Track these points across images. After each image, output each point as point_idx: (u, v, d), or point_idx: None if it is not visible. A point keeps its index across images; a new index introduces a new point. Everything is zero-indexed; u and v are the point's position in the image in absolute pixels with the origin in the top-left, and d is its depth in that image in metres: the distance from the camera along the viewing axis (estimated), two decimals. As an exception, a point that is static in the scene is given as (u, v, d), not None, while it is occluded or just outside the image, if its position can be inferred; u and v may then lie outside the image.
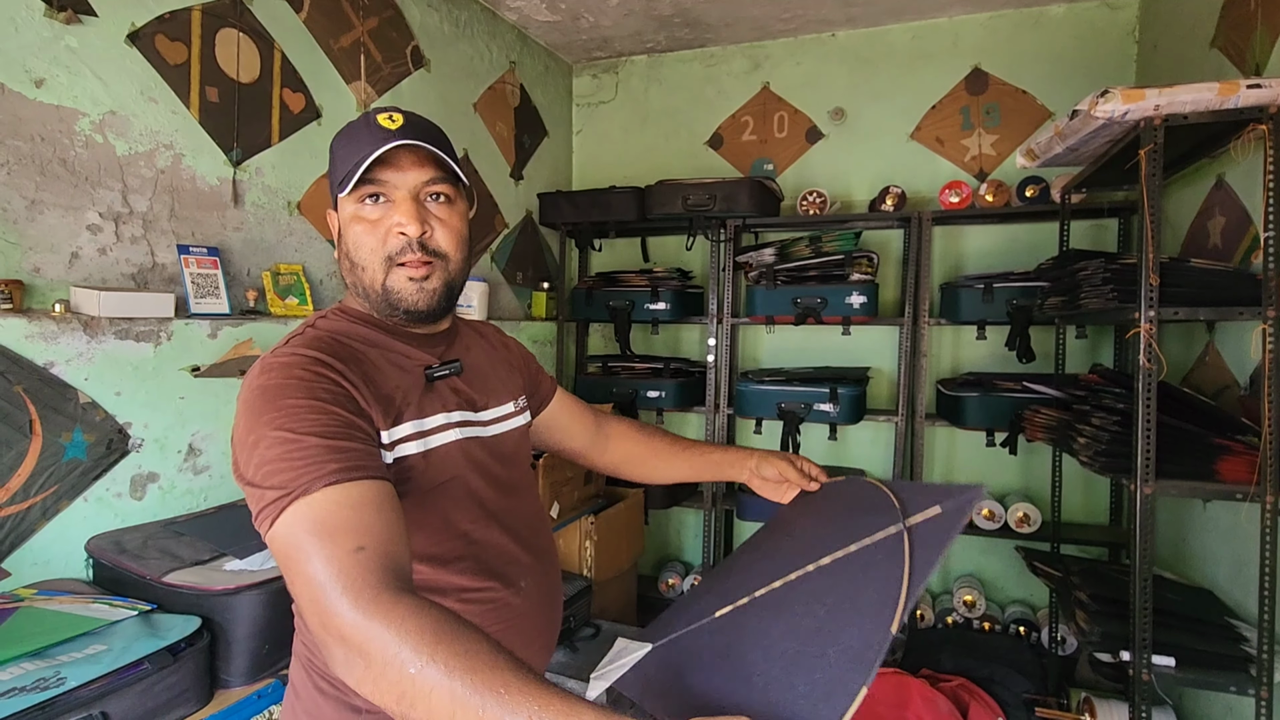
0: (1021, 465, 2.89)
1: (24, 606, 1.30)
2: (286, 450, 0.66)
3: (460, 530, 0.85)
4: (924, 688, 2.17)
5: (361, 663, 0.57)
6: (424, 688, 0.54)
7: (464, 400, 0.90)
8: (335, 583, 0.60)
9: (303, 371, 0.73)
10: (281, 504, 0.64)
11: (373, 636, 0.56)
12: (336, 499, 0.64)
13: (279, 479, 0.65)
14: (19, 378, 1.42)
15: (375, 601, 0.58)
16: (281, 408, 0.69)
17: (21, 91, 1.49)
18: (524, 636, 0.89)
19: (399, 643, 0.55)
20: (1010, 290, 2.58)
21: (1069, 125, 1.75)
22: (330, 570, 0.60)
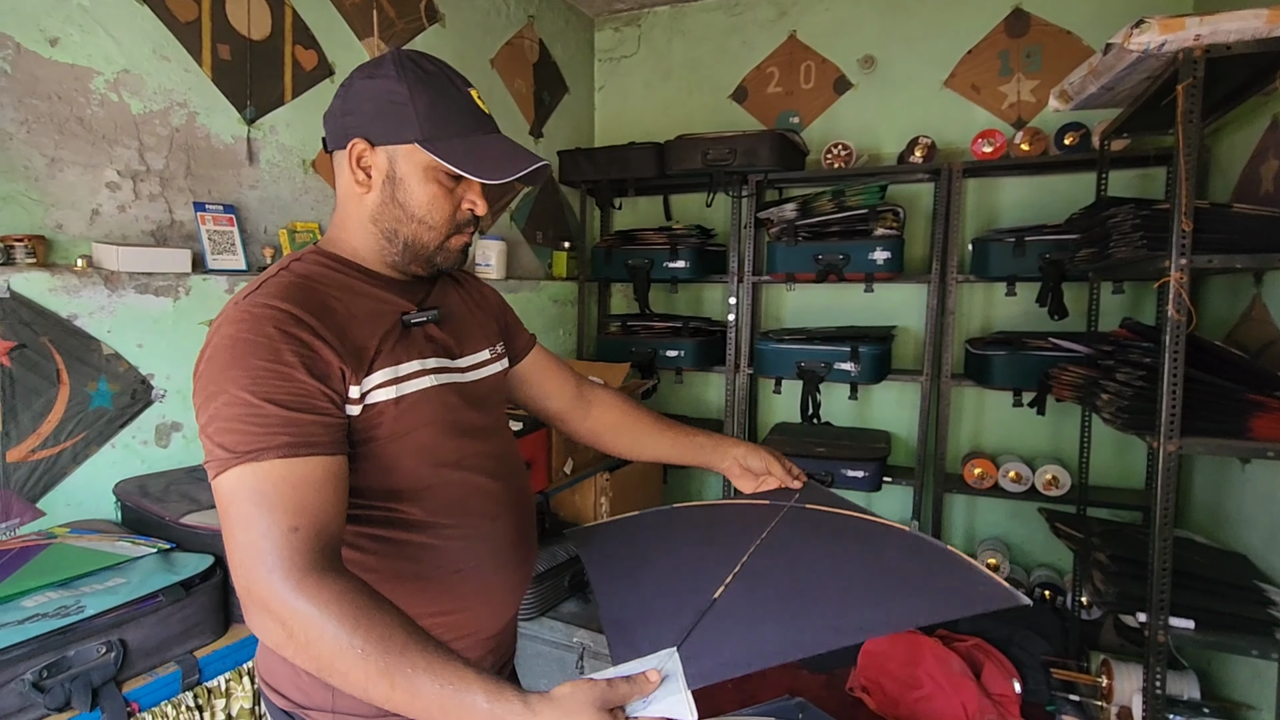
0: (1052, 426, 2.79)
1: (56, 543, 1.38)
2: (244, 412, 0.69)
3: (436, 470, 0.86)
4: (937, 646, 2.15)
5: (283, 633, 0.64)
6: (342, 665, 0.62)
7: (440, 347, 0.90)
8: (267, 556, 0.65)
9: (273, 329, 0.73)
10: (228, 463, 0.68)
11: (297, 612, 0.63)
12: (281, 473, 0.68)
13: (231, 439, 0.69)
14: (44, 329, 1.49)
15: (302, 581, 0.64)
16: (248, 367, 0.71)
17: (37, 50, 1.53)
18: (497, 562, 0.91)
19: (322, 622, 0.62)
20: (1043, 244, 2.46)
21: (1103, 61, 1.64)
22: (264, 544, 0.66)
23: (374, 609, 0.64)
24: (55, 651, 1.10)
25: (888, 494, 3.06)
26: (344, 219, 0.88)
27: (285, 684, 0.88)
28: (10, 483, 1.46)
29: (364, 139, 0.82)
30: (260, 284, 0.80)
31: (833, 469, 2.73)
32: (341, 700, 0.84)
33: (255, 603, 0.65)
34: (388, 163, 0.83)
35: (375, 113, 0.81)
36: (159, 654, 1.24)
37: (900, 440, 3.09)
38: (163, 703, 1.22)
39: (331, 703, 0.85)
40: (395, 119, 0.80)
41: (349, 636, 0.61)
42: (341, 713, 0.85)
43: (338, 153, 0.86)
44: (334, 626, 0.62)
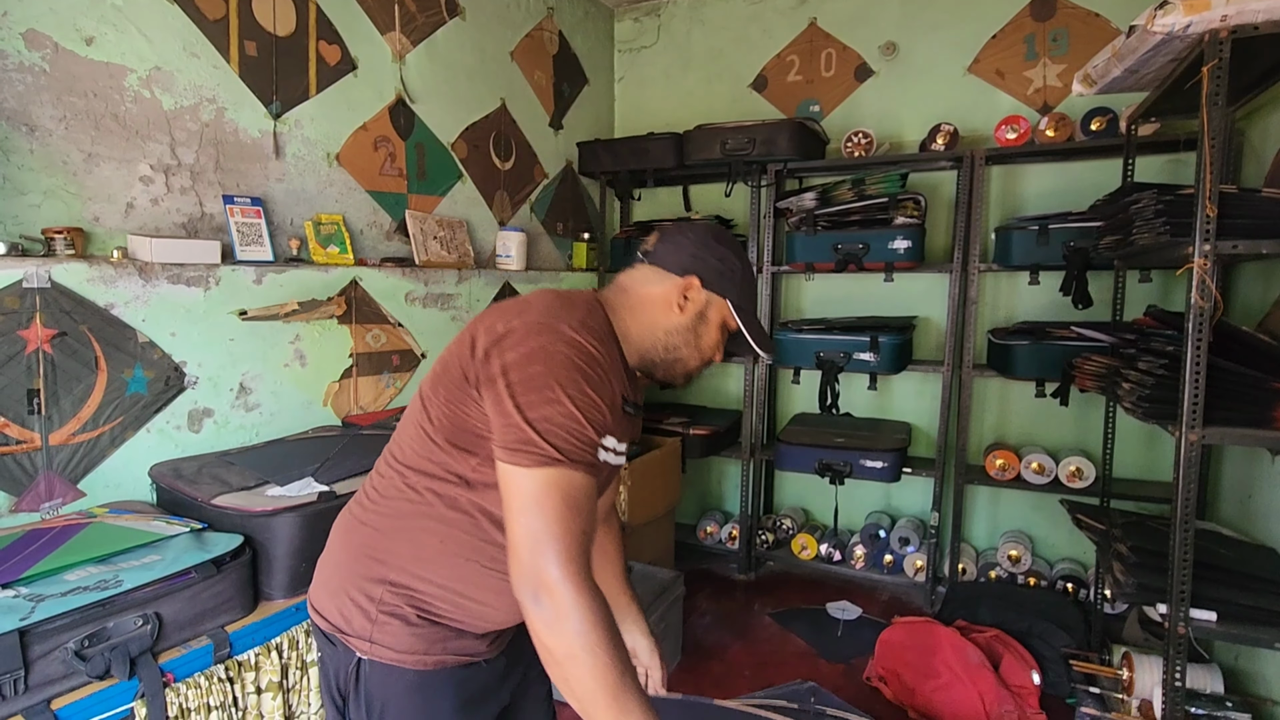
0: (1076, 418, 2.75)
1: (95, 522, 1.45)
2: (573, 426, 0.82)
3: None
4: (954, 636, 2.14)
5: (551, 610, 0.77)
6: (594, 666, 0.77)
7: (625, 434, 1.01)
8: (569, 549, 0.79)
9: (601, 370, 0.88)
10: (550, 459, 0.80)
11: (570, 598, 0.77)
12: (584, 485, 0.83)
13: (560, 442, 0.81)
14: (83, 317, 1.56)
15: (580, 576, 0.78)
16: (582, 391, 0.84)
17: (74, 50, 1.59)
18: None
19: (585, 615, 0.77)
20: (1067, 232, 2.42)
21: (1126, 44, 1.60)
22: (568, 539, 0.79)
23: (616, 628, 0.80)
24: (96, 623, 1.16)
25: (908, 485, 3.05)
26: (639, 312, 1.02)
27: (330, 609, 0.97)
28: (53, 464, 1.53)
29: (700, 280, 1.01)
30: (582, 322, 0.91)
31: (851, 459, 2.73)
32: (380, 633, 0.93)
33: (541, 580, 0.78)
34: (705, 303, 1.02)
35: (712, 266, 1.01)
36: (192, 628, 1.30)
37: (921, 431, 3.07)
38: (196, 674, 1.27)
39: (370, 631, 0.93)
40: (725, 279, 1.02)
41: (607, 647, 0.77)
42: (380, 643, 0.93)
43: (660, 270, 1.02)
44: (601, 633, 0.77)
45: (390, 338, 2.33)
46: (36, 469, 1.51)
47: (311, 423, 2.09)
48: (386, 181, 2.39)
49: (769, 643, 2.54)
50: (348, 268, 2.15)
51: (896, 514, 3.16)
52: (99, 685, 1.16)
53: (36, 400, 1.49)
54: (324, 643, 1.00)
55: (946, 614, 2.47)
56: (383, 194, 2.37)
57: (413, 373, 2.43)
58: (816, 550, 3.00)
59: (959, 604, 2.49)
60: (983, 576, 2.76)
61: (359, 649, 0.94)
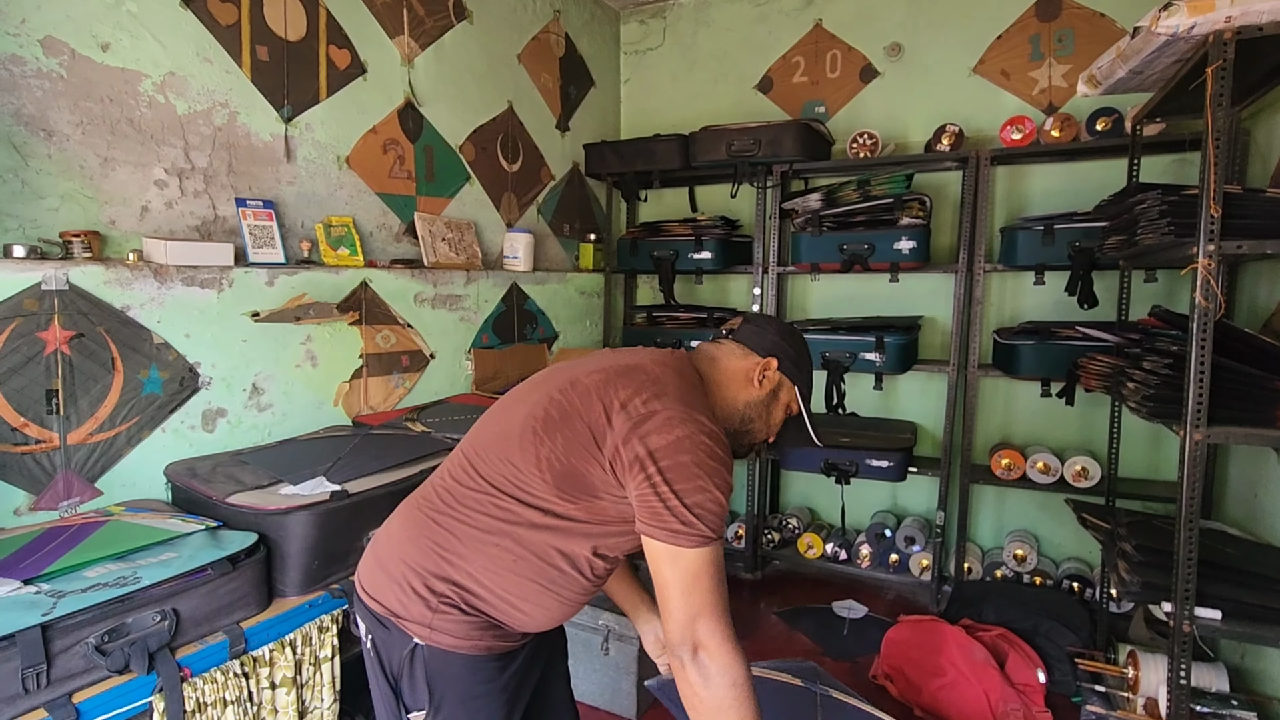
0: (1082, 417, 2.76)
1: (113, 520, 1.47)
2: (719, 509, 0.95)
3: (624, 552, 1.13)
4: (960, 635, 2.15)
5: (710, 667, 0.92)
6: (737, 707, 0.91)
7: None
8: (720, 611, 0.93)
9: (729, 454, 1.00)
10: (708, 539, 0.93)
11: (727, 658, 0.92)
12: (722, 556, 0.97)
13: (711, 522, 0.94)
14: (100, 319, 1.59)
15: (734, 638, 0.94)
16: (722, 476, 0.96)
17: (91, 56, 1.62)
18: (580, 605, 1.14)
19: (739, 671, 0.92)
20: (1072, 232, 2.43)
21: (1130, 45, 1.61)
22: (720, 604, 0.94)
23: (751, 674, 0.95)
24: (115, 618, 1.18)
25: (913, 484, 3.06)
26: (724, 384, 1.13)
27: (387, 595, 1.04)
28: (71, 464, 1.56)
29: (778, 361, 1.14)
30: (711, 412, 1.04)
31: (857, 459, 2.74)
32: (440, 621, 1.00)
33: (700, 643, 0.92)
34: (778, 384, 1.15)
35: (789, 354, 1.15)
36: (208, 623, 1.32)
37: (926, 431, 3.07)
38: (212, 669, 1.30)
39: (430, 619, 1.00)
40: (797, 366, 1.16)
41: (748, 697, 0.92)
42: (439, 630, 1.00)
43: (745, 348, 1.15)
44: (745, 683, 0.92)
45: (400, 338, 2.36)
46: (55, 468, 1.54)
47: (322, 422, 2.11)
48: (395, 184, 2.41)
49: (775, 641, 2.55)
50: (358, 269, 2.18)
51: (902, 513, 3.16)
52: (118, 679, 1.18)
53: (55, 400, 1.52)
54: (375, 625, 1.06)
55: (952, 613, 2.47)
56: (392, 196, 2.40)
57: (422, 373, 2.45)
58: (822, 549, 3.01)
59: (964, 603, 2.49)
60: (988, 575, 2.77)
61: (417, 634, 1.01)
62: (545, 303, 3.04)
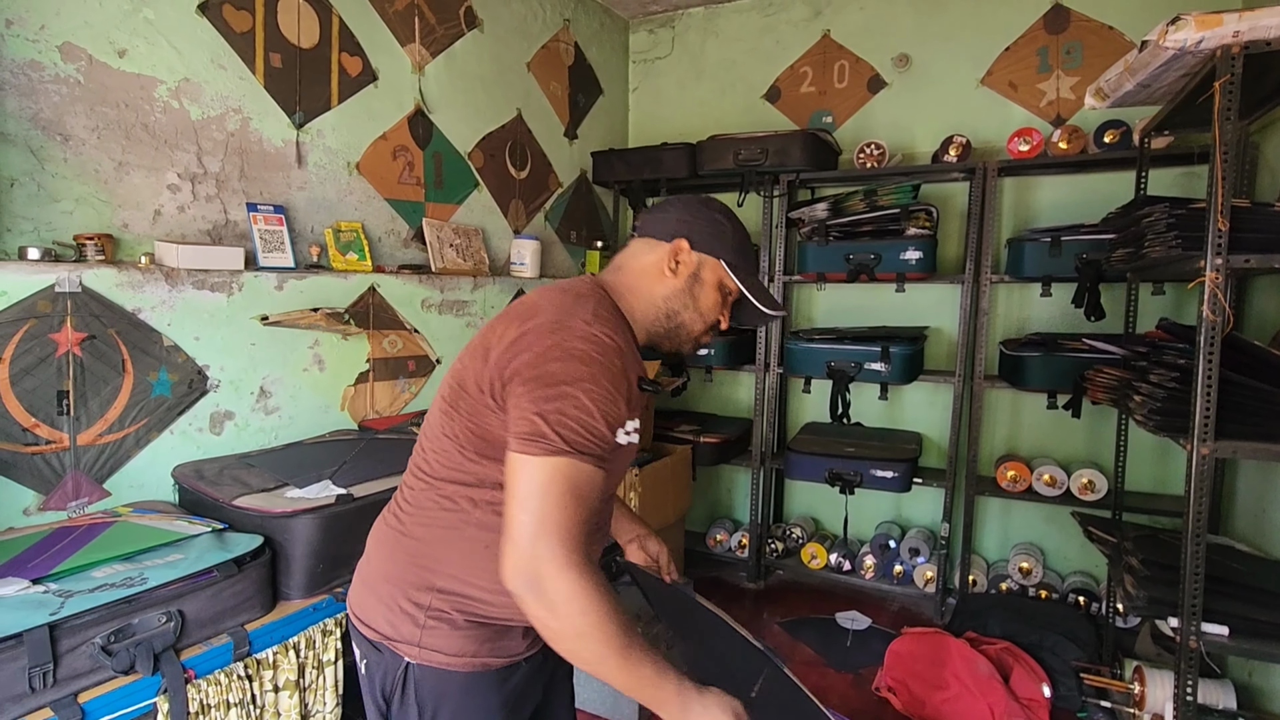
0: (1088, 430, 2.74)
1: (120, 521, 1.48)
2: (585, 419, 0.84)
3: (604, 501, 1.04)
4: (964, 648, 2.14)
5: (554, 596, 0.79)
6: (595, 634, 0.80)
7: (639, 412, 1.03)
8: (568, 536, 0.81)
9: (618, 361, 0.90)
10: (560, 450, 0.82)
11: (572, 584, 0.79)
12: (591, 477, 0.85)
13: (569, 434, 0.83)
14: (111, 321, 1.60)
15: (584, 565, 0.81)
16: (600, 385, 0.86)
17: (107, 62, 1.65)
18: None
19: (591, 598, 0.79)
20: (1079, 244, 2.43)
21: (1138, 59, 1.62)
22: (568, 525, 0.81)
23: (617, 599, 0.82)
24: (122, 619, 1.19)
25: (918, 495, 3.05)
26: (636, 286, 1.04)
27: (377, 619, 1.00)
28: (80, 464, 1.58)
29: (689, 241, 1.03)
30: (594, 313, 0.94)
31: (862, 469, 2.73)
32: (428, 637, 0.96)
33: (540, 569, 0.79)
34: (698, 264, 1.04)
35: (702, 228, 1.04)
36: (213, 625, 1.33)
37: (932, 442, 3.06)
38: (216, 671, 1.30)
39: (419, 636, 0.96)
40: (716, 239, 1.04)
41: (610, 621, 0.80)
42: (427, 648, 0.96)
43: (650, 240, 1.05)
44: (604, 611, 0.80)
45: (406, 343, 2.37)
46: (64, 468, 1.55)
47: (329, 426, 2.12)
48: (405, 190, 2.43)
49: (778, 651, 2.54)
50: (366, 274, 2.19)
51: (907, 524, 3.15)
52: (124, 680, 1.19)
53: (66, 401, 1.53)
54: (369, 650, 1.02)
55: (956, 625, 2.46)
56: (401, 202, 2.42)
57: (428, 378, 2.46)
58: (826, 560, 3.00)
59: (969, 615, 2.48)
60: (993, 588, 2.75)
61: (407, 654, 0.97)
62: (551, 309, 3.04)
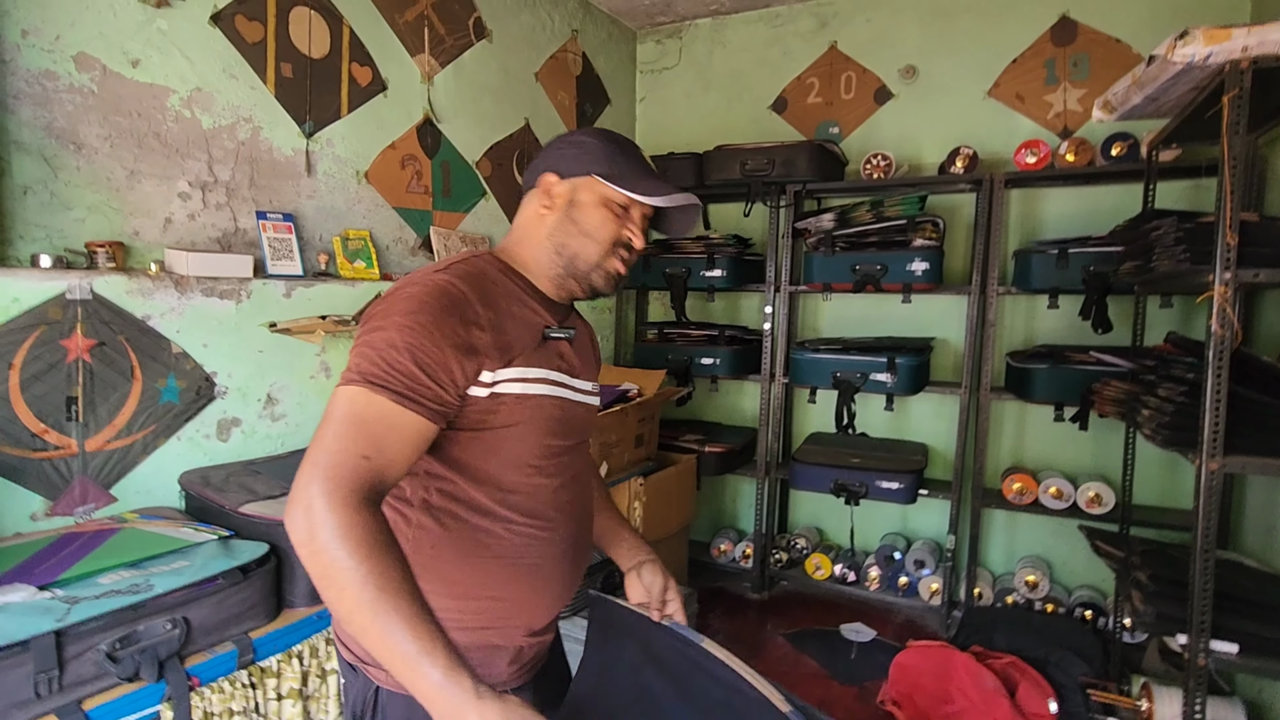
0: (1096, 443, 2.73)
1: (127, 527, 1.49)
2: (388, 352, 0.80)
3: (522, 469, 0.95)
4: (969, 662, 2.12)
5: (308, 532, 0.72)
6: (341, 580, 0.70)
7: (566, 365, 1.01)
8: (336, 468, 0.75)
9: (446, 301, 0.85)
10: (352, 380, 0.79)
11: (329, 522, 0.71)
12: (383, 410, 0.79)
13: (365, 364, 0.80)
14: (121, 328, 1.61)
15: (347, 500, 0.73)
16: (412, 320, 0.82)
17: (120, 72, 1.66)
18: (549, 573, 0.99)
19: (343, 538, 0.71)
20: (1087, 256, 2.42)
21: (1146, 72, 1.62)
22: (340, 457, 0.75)
23: (390, 551, 0.73)
24: (127, 625, 1.20)
25: (924, 507, 3.03)
26: (522, 237, 1.01)
27: (350, 638, 0.97)
28: (88, 470, 1.58)
29: (554, 173, 0.99)
30: (449, 265, 0.92)
31: (867, 480, 2.72)
32: None
33: (303, 497, 0.73)
34: (570, 190, 0.99)
35: (565, 154, 0.99)
36: (218, 633, 1.33)
37: (938, 453, 3.05)
38: (220, 679, 1.30)
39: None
40: (581, 158, 0.98)
41: (359, 561, 0.70)
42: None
43: (529, 191, 1.02)
44: (351, 546, 0.70)
45: (412, 351, 2.37)
46: (72, 474, 1.56)
47: (334, 433, 2.12)
48: (413, 198, 2.45)
49: (782, 663, 2.53)
50: (373, 282, 2.20)
51: (912, 536, 3.14)
52: (128, 687, 1.19)
53: (75, 407, 1.54)
54: (346, 669, 1.00)
55: (962, 639, 2.44)
56: (409, 210, 2.43)
57: (433, 386, 2.46)
58: (831, 571, 2.99)
59: (975, 629, 2.46)
60: (999, 601, 2.73)
61: (376, 677, 0.93)
62: (557, 317, 3.05)
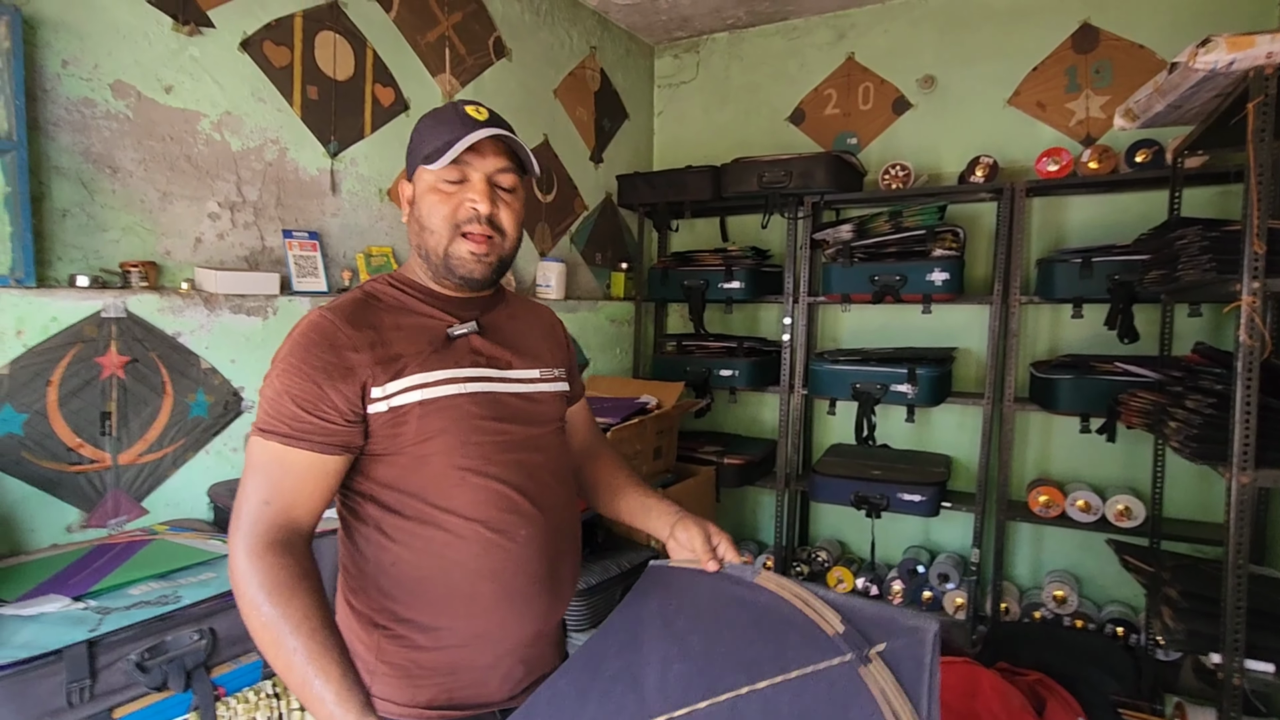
0: (1124, 455, 2.67)
1: (157, 539, 1.53)
2: (273, 399, 0.88)
3: (459, 473, 0.92)
4: (995, 679, 2.08)
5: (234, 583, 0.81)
6: (254, 623, 0.79)
7: (483, 359, 0.98)
8: (242, 517, 0.84)
9: (316, 335, 0.90)
10: (254, 430, 0.88)
11: (238, 568, 0.81)
12: (276, 455, 0.86)
13: (260, 414, 0.88)
14: (153, 345, 1.66)
15: (254, 546, 0.81)
16: (285, 364, 0.89)
17: (154, 98, 1.73)
18: (523, 572, 0.95)
19: (248, 581, 0.80)
20: (1111, 265, 2.38)
21: (1169, 80, 1.60)
22: (244, 507, 0.84)
23: (296, 587, 0.79)
24: (156, 636, 1.22)
25: (947, 519, 2.99)
26: (411, 247, 1.02)
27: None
28: (121, 483, 1.63)
29: (407, 179, 1.00)
30: (331, 301, 0.96)
31: (889, 492, 2.69)
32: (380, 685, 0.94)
33: (230, 551, 0.83)
34: (412, 190, 0.99)
35: (407, 161, 1.00)
36: (242, 643, 1.35)
37: (961, 465, 3.01)
38: (245, 689, 1.33)
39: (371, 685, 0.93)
40: (411, 154, 0.99)
41: (263, 599, 0.78)
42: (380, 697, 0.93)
43: None
44: (255, 588, 0.79)
45: (433, 365, 2.41)
46: (106, 487, 1.61)
47: (357, 446, 2.16)
48: (434, 215, 2.49)
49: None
50: (395, 297, 2.24)
51: (936, 549, 3.09)
52: (156, 696, 1.22)
53: (109, 422, 1.59)
54: None
55: (988, 655, 2.39)
56: (430, 227, 2.47)
57: (454, 399, 2.49)
58: (853, 584, 2.95)
59: (1001, 644, 2.41)
60: (1026, 616, 2.68)
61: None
62: (576, 330, 3.07)
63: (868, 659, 0.79)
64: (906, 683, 0.76)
